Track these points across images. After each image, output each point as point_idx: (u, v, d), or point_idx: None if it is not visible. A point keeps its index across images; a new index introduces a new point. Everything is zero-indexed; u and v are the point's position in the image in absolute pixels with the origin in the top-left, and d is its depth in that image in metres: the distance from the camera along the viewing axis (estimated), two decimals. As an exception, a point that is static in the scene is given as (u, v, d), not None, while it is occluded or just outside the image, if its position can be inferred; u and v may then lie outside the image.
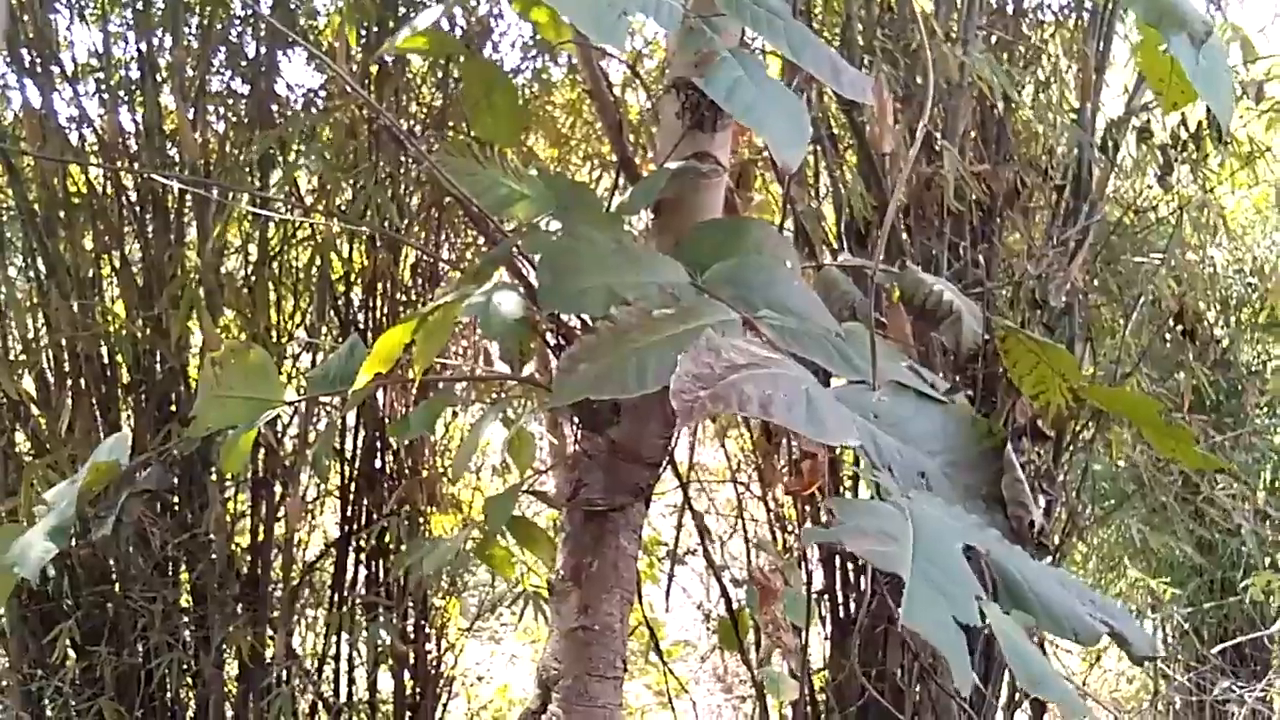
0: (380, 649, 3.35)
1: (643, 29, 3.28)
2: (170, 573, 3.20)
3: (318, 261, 3.21)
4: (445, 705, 3.72)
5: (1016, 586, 0.91)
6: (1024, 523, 1.03)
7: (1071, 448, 3.29)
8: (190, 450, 2.85)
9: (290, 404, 1.37)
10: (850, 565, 3.09)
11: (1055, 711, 3.03)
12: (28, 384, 3.12)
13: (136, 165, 3.11)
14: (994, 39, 3.03)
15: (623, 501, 1.29)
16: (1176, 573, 4.46)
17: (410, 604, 3.46)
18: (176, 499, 3.17)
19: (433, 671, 3.58)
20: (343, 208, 3.19)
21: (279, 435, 3.23)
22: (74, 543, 2.98)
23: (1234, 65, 3.00)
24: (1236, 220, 4.34)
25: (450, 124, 3.24)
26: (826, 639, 3.21)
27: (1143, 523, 3.67)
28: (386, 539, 3.36)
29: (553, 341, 1.43)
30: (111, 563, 3.14)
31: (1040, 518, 1.06)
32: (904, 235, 2.92)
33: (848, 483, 3.03)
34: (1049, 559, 3.06)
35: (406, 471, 3.41)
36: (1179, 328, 3.19)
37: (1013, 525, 1.02)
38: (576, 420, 1.35)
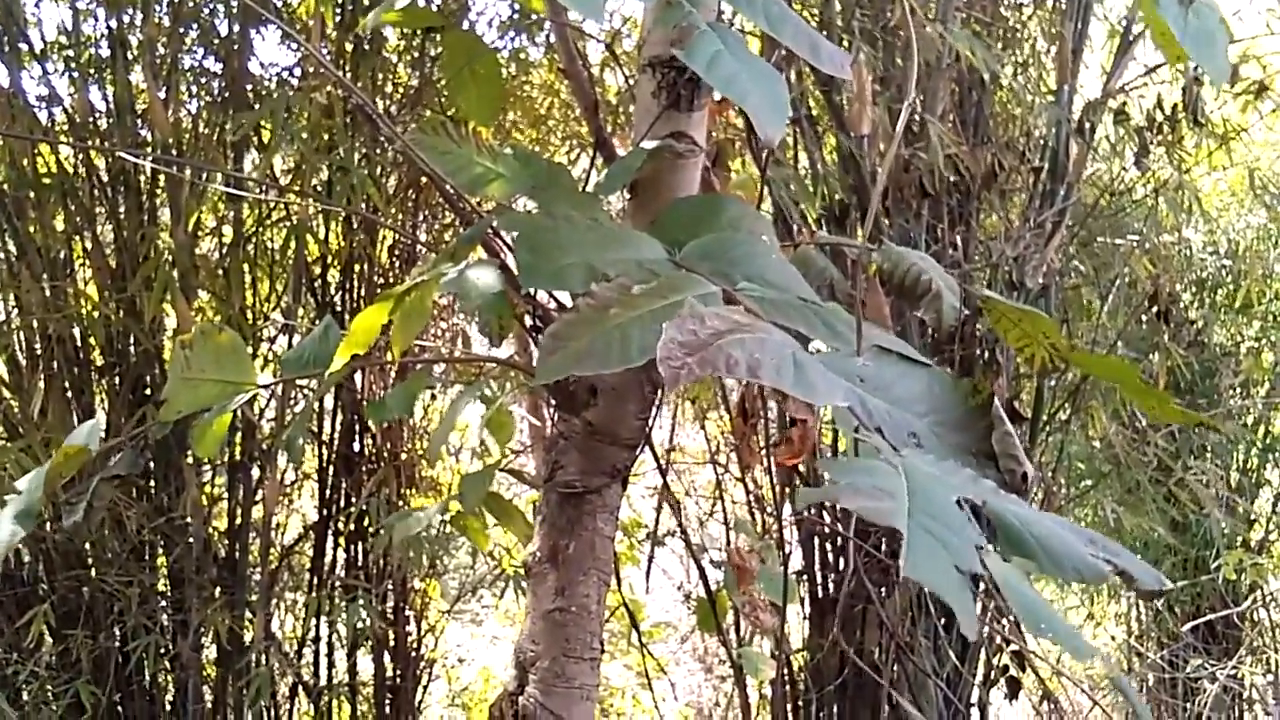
0: (360, 631, 3.34)
1: (621, 7, 3.27)
2: (147, 556, 3.18)
3: (293, 243, 3.18)
4: (426, 687, 3.72)
5: (1015, 533, 0.91)
6: (1017, 475, 1.04)
7: (1048, 429, 3.32)
8: (163, 434, 2.83)
9: (264, 387, 1.35)
10: (829, 546, 3.11)
11: (1028, 689, 3.07)
12: (-1, 367, 3.08)
13: (108, 145, 3.06)
14: (972, 20, 3.03)
15: (599, 483, 1.28)
16: (1150, 552, 4.50)
17: (390, 587, 3.45)
18: (152, 482, 3.14)
19: (413, 654, 3.58)
20: (319, 188, 3.16)
21: (256, 417, 3.21)
22: (48, 527, 2.96)
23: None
24: (1211, 203, 4.37)
25: (426, 104, 3.21)
26: (805, 619, 3.23)
27: (1117, 502, 3.70)
28: (365, 522, 3.35)
29: (529, 323, 1.42)
30: (87, 546, 3.11)
31: (1032, 470, 1.07)
32: (883, 217, 2.92)
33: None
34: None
35: (385, 454, 3.40)
36: (1154, 309, 3.21)
37: (1005, 478, 1.03)
38: (553, 401, 1.34)
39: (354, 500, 3.37)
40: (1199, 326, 4.30)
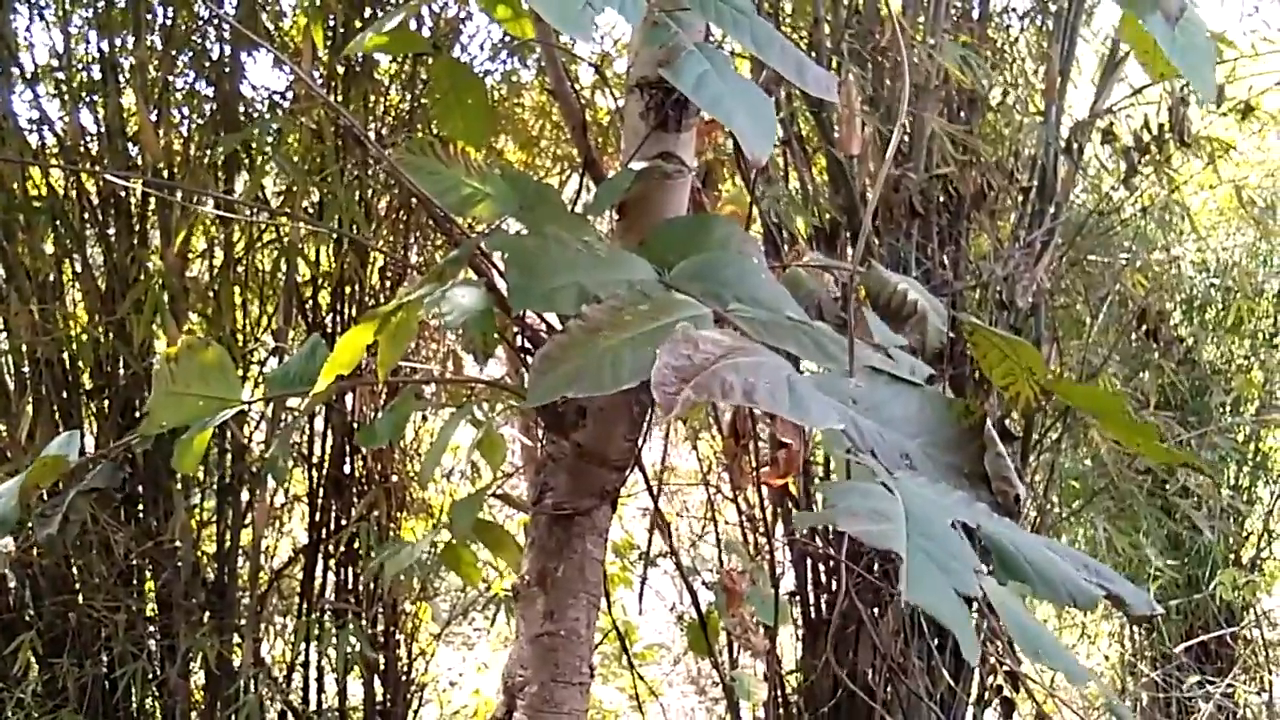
0: (350, 656, 3.32)
1: (613, 30, 3.28)
2: (134, 581, 3.15)
3: (284, 265, 3.18)
4: (416, 712, 3.69)
5: (1010, 557, 0.91)
6: (1009, 497, 1.03)
7: (1039, 447, 3.32)
8: (145, 449, 2.82)
9: (248, 404, 1.34)
10: (821, 566, 3.09)
11: (1022, 710, 3.05)
12: (-13, 390, 3.06)
13: (98, 168, 3.06)
14: (959, 40, 3.05)
15: (589, 505, 1.28)
16: (1144, 569, 4.50)
17: (380, 610, 3.43)
18: (140, 506, 3.12)
19: (403, 678, 3.55)
20: (310, 210, 3.16)
21: (247, 440, 3.19)
22: (35, 552, 2.93)
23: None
24: (1200, 221, 4.39)
25: (419, 126, 3.22)
26: (798, 640, 3.21)
27: (1111, 520, 3.70)
28: (356, 545, 3.33)
29: (519, 344, 1.42)
30: (74, 572, 3.08)
31: (1024, 492, 1.06)
32: (873, 236, 2.93)
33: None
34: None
35: (376, 477, 3.38)
36: (1143, 328, 3.22)
37: (998, 500, 1.02)
38: (541, 423, 1.33)
39: (344, 523, 3.35)
40: (1189, 344, 4.31)
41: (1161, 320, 3.37)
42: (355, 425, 3.29)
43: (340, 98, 3.15)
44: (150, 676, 3.08)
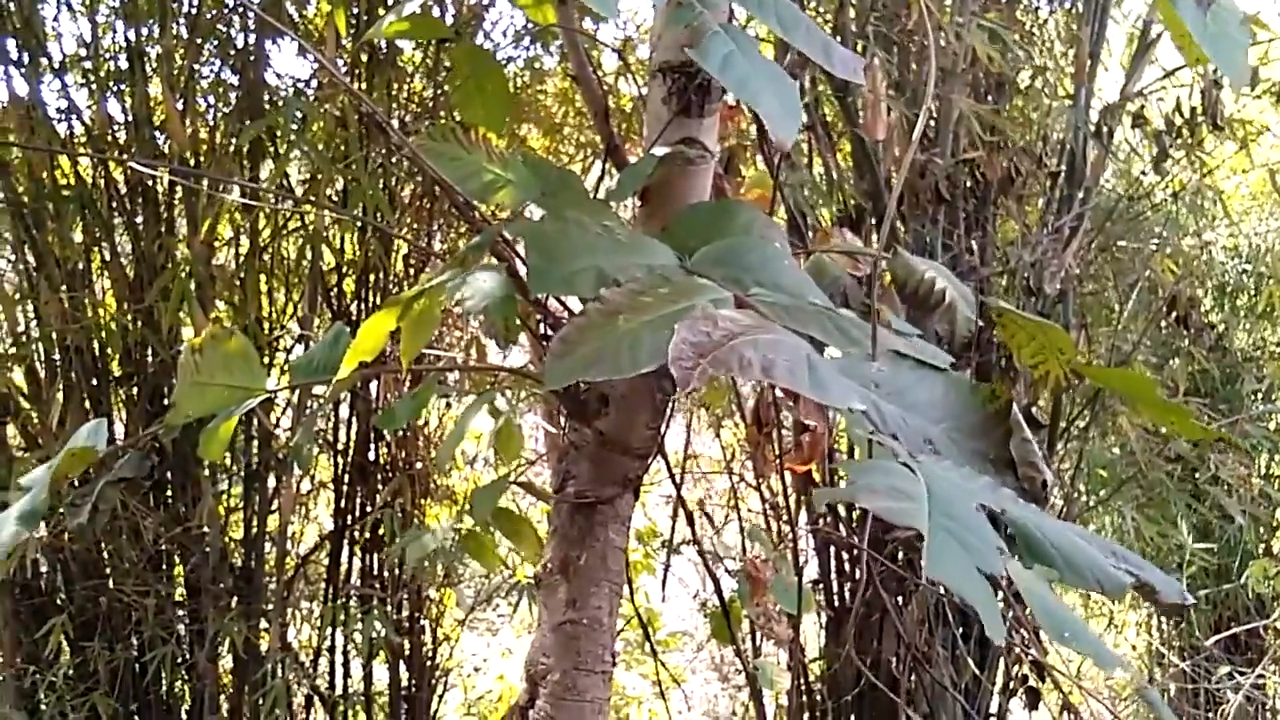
0: (375, 641, 3.34)
1: (635, 15, 3.27)
2: (164, 566, 3.19)
3: (309, 252, 3.19)
4: (441, 697, 3.71)
5: (1036, 542, 0.89)
6: (1036, 483, 1.02)
7: (1066, 435, 3.28)
8: (174, 437, 2.84)
9: (271, 393, 1.35)
10: (845, 554, 3.08)
11: (1047, 700, 3.03)
12: (17, 377, 3.10)
13: (125, 156, 3.08)
14: (987, 23, 3.01)
15: (611, 493, 1.27)
16: (1173, 557, 4.45)
17: (405, 596, 3.45)
18: (169, 492, 3.15)
19: (428, 663, 3.57)
20: (334, 198, 3.17)
21: (274, 426, 3.22)
22: (66, 537, 2.97)
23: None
24: (1233, 206, 4.32)
25: (442, 113, 3.22)
26: (821, 629, 3.21)
27: (1139, 509, 3.66)
28: (381, 531, 3.35)
29: (541, 331, 1.41)
30: (105, 556, 3.12)
31: (1051, 477, 1.04)
32: (898, 222, 2.91)
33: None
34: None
35: (401, 464, 3.40)
36: (1173, 314, 3.18)
37: (1025, 486, 1.01)
38: (564, 411, 1.33)
39: (369, 509, 3.37)
40: (1220, 331, 4.25)
41: (1192, 307, 3.32)
42: (379, 412, 3.30)
43: (364, 85, 3.15)
44: (179, 660, 3.11)
